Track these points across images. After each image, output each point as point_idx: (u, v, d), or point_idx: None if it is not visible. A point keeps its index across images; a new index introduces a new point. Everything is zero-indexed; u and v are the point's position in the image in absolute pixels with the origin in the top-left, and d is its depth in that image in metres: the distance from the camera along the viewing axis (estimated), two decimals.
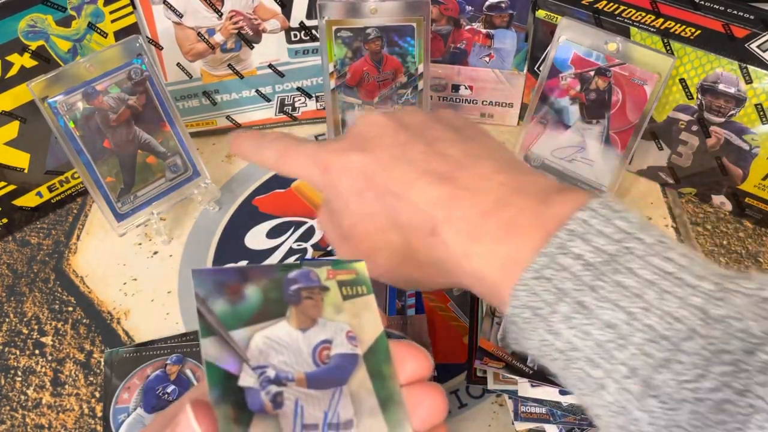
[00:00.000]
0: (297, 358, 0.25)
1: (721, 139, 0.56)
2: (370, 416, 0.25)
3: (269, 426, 0.24)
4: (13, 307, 0.55)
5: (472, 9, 0.60)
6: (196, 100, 0.65)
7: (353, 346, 0.26)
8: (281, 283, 0.26)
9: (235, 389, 0.24)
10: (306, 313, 0.26)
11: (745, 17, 0.54)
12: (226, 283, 0.25)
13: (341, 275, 0.28)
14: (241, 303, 0.25)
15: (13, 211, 0.58)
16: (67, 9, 0.54)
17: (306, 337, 0.26)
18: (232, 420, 0.23)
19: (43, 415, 0.49)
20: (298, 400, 0.25)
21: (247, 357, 0.25)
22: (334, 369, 0.26)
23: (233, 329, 0.25)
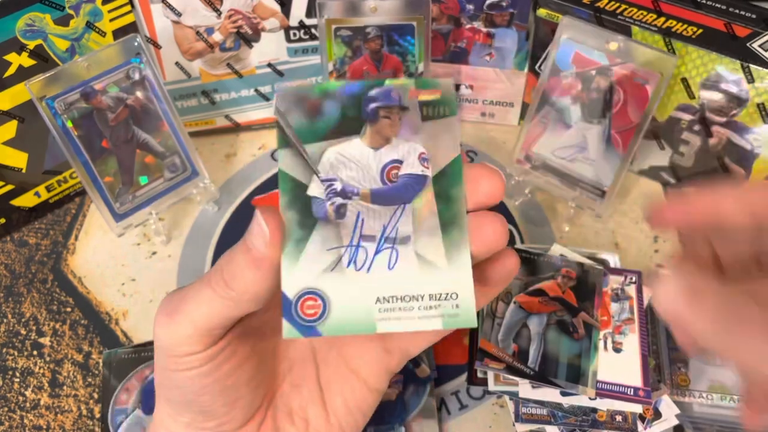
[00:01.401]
0: (365, 174, 0.26)
1: (723, 138, 0.56)
2: (429, 235, 0.26)
3: (330, 233, 0.26)
4: (11, 308, 0.54)
5: (473, 7, 0.60)
6: (194, 100, 0.64)
7: (424, 168, 0.27)
8: (361, 100, 0.27)
9: (303, 197, 0.26)
10: (381, 132, 0.27)
11: (747, 16, 0.54)
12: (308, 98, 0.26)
13: (424, 95, 0.28)
14: (319, 118, 0.26)
15: (10, 211, 0.58)
16: (65, 8, 0.54)
17: (377, 155, 0.27)
18: (297, 224, 0.25)
19: (42, 416, 0.48)
20: (360, 212, 0.26)
21: (318, 169, 0.26)
22: (401, 187, 0.26)
23: (308, 143, 0.26)
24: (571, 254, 0.52)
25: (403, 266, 0.26)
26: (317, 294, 0.25)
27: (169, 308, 0.28)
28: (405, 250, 0.26)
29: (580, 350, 0.47)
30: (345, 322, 0.25)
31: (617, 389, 0.46)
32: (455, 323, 0.26)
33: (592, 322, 0.48)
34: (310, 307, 0.25)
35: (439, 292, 0.26)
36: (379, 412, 0.46)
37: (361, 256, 0.26)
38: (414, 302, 0.25)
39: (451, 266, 0.26)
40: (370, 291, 0.25)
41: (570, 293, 0.50)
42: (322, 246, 0.26)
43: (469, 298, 0.25)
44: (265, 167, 0.64)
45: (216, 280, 0.27)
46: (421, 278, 0.26)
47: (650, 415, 0.46)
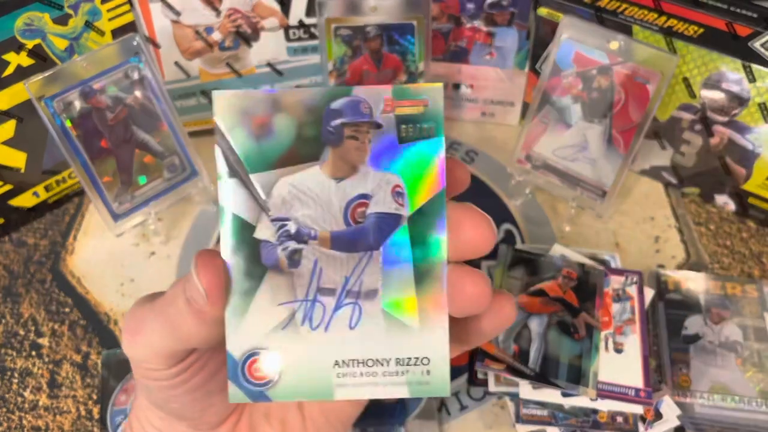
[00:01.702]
0: (325, 212, 0.22)
1: (725, 138, 0.56)
2: (401, 288, 0.22)
3: (282, 283, 0.22)
4: (10, 308, 0.54)
5: (473, 7, 0.60)
6: (194, 99, 0.64)
7: (398, 205, 0.22)
8: (321, 114, 0.21)
9: (250, 240, 0.22)
10: (346, 157, 0.22)
11: (749, 16, 0.54)
12: (253, 112, 0.21)
13: (404, 107, 0.22)
14: (268, 139, 0.21)
15: (9, 211, 0.58)
16: (64, 7, 0.53)
17: (340, 187, 0.22)
18: (243, 273, 0.22)
19: (40, 417, 0.48)
20: (317, 260, 0.22)
21: (268, 206, 0.22)
22: (367, 230, 0.22)
23: (255, 171, 0.21)
24: (572, 254, 0.52)
25: (367, 325, 0.22)
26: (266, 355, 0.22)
27: (132, 326, 0.27)
28: (370, 307, 0.22)
29: (581, 351, 0.47)
30: (298, 387, 0.22)
31: (618, 390, 0.46)
32: (424, 392, 0.22)
33: (593, 323, 0.48)
34: (258, 369, 0.22)
35: (408, 356, 0.22)
36: (379, 413, 0.46)
37: (318, 312, 0.22)
38: (378, 367, 0.22)
39: (423, 327, 0.22)
40: (327, 353, 0.22)
41: (571, 294, 0.50)
42: (273, 300, 0.22)
43: (442, 364, 0.22)
44: None
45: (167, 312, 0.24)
46: (387, 340, 0.22)
47: (651, 416, 0.46)
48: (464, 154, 0.65)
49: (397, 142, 0.22)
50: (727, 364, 0.49)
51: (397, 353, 0.22)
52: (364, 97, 0.21)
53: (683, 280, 0.54)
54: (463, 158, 0.65)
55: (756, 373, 0.48)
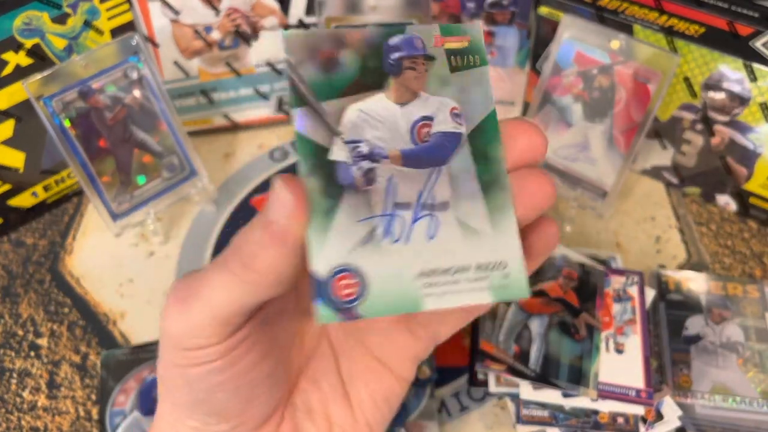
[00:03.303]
0: (393, 133, 0.24)
1: (726, 138, 0.56)
2: (470, 199, 0.23)
3: (360, 201, 0.23)
4: (9, 309, 0.54)
5: (474, 6, 0.60)
6: (193, 99, 0.64)
7: (457, 124, 0.24)
8: (381, 49, 0.24)
9: (325, 163, 0.23)
10: (406, 85, 0.24)
11: (750, 15, 0.54)
12: (320, 48, 0.23)
13: (452, 43, 0.25)
14: (336, 71, 0.23)
15: (7, 211, 0.58)
16: (62, 6, 0.53)
17: (405, 112, 0.24)
18: (321, 193, 0.22)
19: (39, 417, 0.48)
20: (391, 177, 0.23)
21: (339, 130, 0.23)
22: (433, 148, 0.24)
23: (326, 100, 0.23)
24: (573, 255, 0.52)
25: (445, 235, 0.23)
26: (353, 271, 0.22)
27: (183, 293, 0.25)
28: (445, 217, 0.23)
29: (581, 351, 0.47)
30: (386, 300, 0.22)
31: (619, 391, 0.45)
32: (506, 295, 0.23)
33: (594, 323, 0.48)
34: (346, 286, 0.22)
35: (487, 261, 0.23)
36: None
37: (398, 225, 0.23)
38: (460, 274, 0.23)
39: (496, 233, 0.23)
40: (411, 264, 0.23)
41: (571, 294, 0.49)
42: (353, 217, 0.23)
43: (519, 265, 0.23)
44: (264, 167, 0.64)
45: (233, 261, 0.24)
46: (465, 247, 0.23)
47: (652, 417, 0.46)
48: None
49: (449, 71, 0.24)
50: (728, 365, 0.49)
51: (477, 259, 0.23)
52: (417, 34, 0.24)
53: (684, 281, 0.54)
54: None
55: (757, 374, 0.48)
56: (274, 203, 0.23)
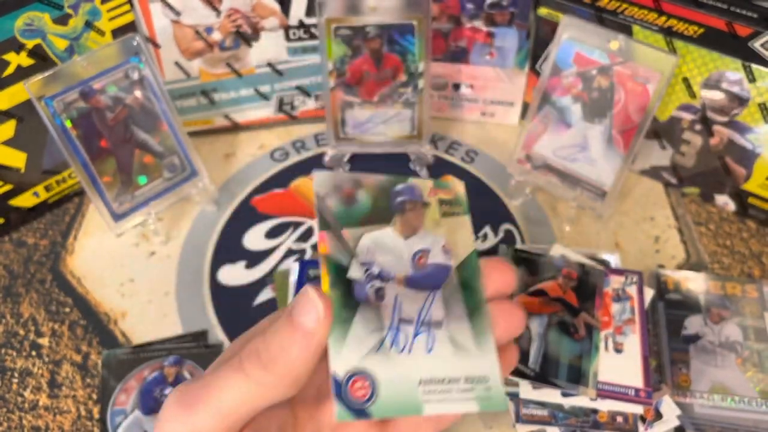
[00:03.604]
0: (398, 260, 0.28)
1: (725, 138, 0.56)
2: (458, 321, 0.27)
3: (372, 314, 0.26)
4: (10, 308, 0.54)
5: (473, 7, 0.60)
6: (193, 99, 0.64)
7: (447, 258, 0.28)
8: (389, 193, 0.29)
9: (344, 279, 0.26)
10: (409, 222, 0.29)
11: (749, 16, 0.54)
12: (343, 186, 0.28)
13: (442, 194, 0.30)
14: (354, 205, 0.28)
15: (9, 211, 0.58)
16: (64, 7, 0.53)
17: (408, 243, 0.28)
18: (341, 304, 0.26)
19: (40, 417, 0.48)
20: (397, 296, 0.27)
21: (356, 252, 0.27)
22: (430, 275, 0.28)
23: (346, 227, 0.27)
24: (572, 254, 0.52)
25: (440, 349, 0.27)
26: (365, 374, 0.25)
27: (187, 399, 0.26)
28: (440, 334, 0.27)
29: (580, 351, 0.47)
30: (393, 403, 0.25)
31: (618, 390, 0.46)
32: (489, 406, 0.26)
33: (593, 323, 0.48)
34: (360, 388, 0.25)
35: (473, 375, 0.26)
36: None
37: (402, 338, 0.26)
38: (452, 384, 0.26)
39: (479, 351, 0.27)
40: (413, 373, 0.26)
41: (571, 294, 0.50)
42: (366, 327, 0.26)
43: (498, 381, 0.27)
44: (264, 167, 0.64)
45: (251, 363, 0.25)
46: (456, 362, 0.26)
47: (651, 416, 0.46)
48: (464, 154, 0.65)
49: (440, 216, 0.29)
50: (727, 364, 0.49)
51: (465, 372, 0.27)
52: (417, 184, 0.29)
53: (683, 280, 0.54)
54: (463, 158, 0.65)
55: (756, 373, 0.48)
56: (302, 307, 0.25)
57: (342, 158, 0.63)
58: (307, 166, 0.64)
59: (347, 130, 0.61)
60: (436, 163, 0.63)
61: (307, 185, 0.63)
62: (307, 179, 0.63)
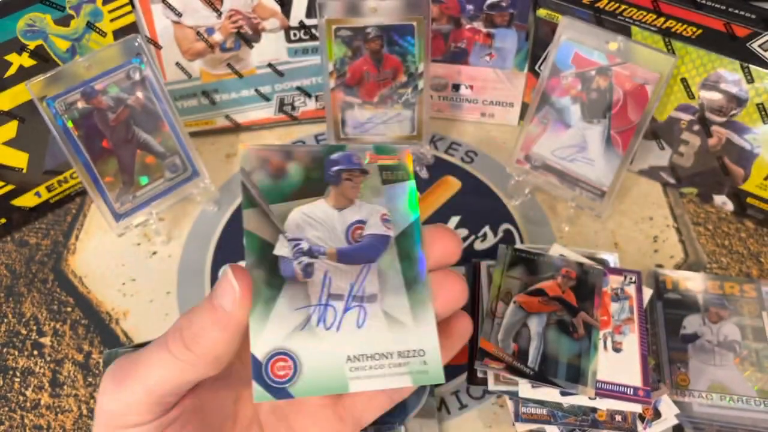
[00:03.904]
0: (331, 234, 0.27)
1: (723, 138, 0.56)
2: (395, 293, 0.27)
3: (298, 292, 0.26)
4: (12, 308, 0.54)
5: (473, 8, 0.60)
6: (195, 100, 0.64)
7: (386, 228, 0.27)
8: (323, 163, 0.28)
9: (270, 257, 0.26)
10: (344, 193, 0.28)
11: (747, 16, 0.54)
12: (271, 160, 0.27)
13: (383, 160, 0.29)
14: (283, 180, 0.27)
15: (11, 211, 0.58)
16: (65, 8, 0.54)
17: (341, 215, 0.27)
18: (265, 283, 0.25)
19: (42, 416, 0.48)
20: (327, 271, 0.26)
21: (284, 229, 0.26)
22: (365, 247, 0.27)
23: (273, 203, 0.27)
24: (571, 254, 0.52)
25: (372, 324, 0.26)
26: (287, 354, 0.25)
27: (119, 375, 0.26)
28: (372, 309, 0.26)
29: (579, 350, 0.47)
30: (316, 382, 0.25)
31: (617, 389, 0.46)
32: (424, 380, 0.26)
33: (592, 322, 0.48)
34: (281, 368, 0.25)
35: (407, 349, 0.26)
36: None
37: (330, 314, 0.26)
38: (384, 360, 0.26)
39: (416, 324, 0.26)
40: (340, 350, 0.25)
41: (570, 293, 0.50)
42: (291, 305, 0.26)
43: (435, 354, 0.26)
44: None
45: (174, 341, 0.26)
46: (389, 336, 0.26)
47: (650, 415, 0.46)
48: (464, 154, 0.66)
49: (380, 183, 0.28)
50: (725, 364, 0.49)
51: (398, 347, 0.26)
52: (355, 152, 0.28)
53: (682, 280, 0.54)
54: (463, 158, 0.65)
55: (754, 372, 0.49)
56: (222, 289, 0.25)
57: None
58: None
59: (347, 131, 0.62)
60: (435, 164, 0.64)
61: None
62: None
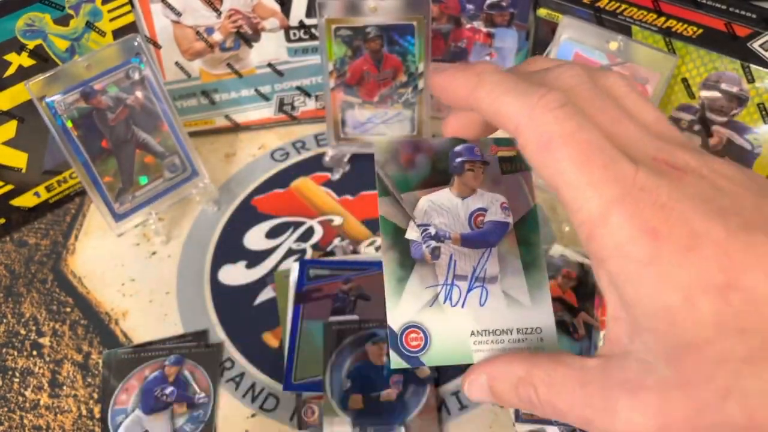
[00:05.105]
0: (455, 220, 0.29)
1: (724, 138, 0.56)
2: (513, 275, 0.29)
3: (427, 272, 0.28)
4: (11, 308, 0.54)
5: (473, 7, 0.60)
6: (194, 100, 0.64)
7: (506, 216, 0.30)
8: (448, 154, 0.30)
9: (402, 240, 0.29)
10: (467, 183, 0.30)
11: (747, 16, 0.54)
12: (401, 151, 0.30)
13: (503, 151, 0.31)
14: (412, 170, 0.30)
15: (10, 211, 0.58)
16: (65, 8, 0.54)
17: (465, 203, 0.30)
18: (398, 264, 0.28)
19: (41, 416, 0.48)
20: (452, 254, 0.29)
21: (414, 215, 0.29)
22: (487, 233, 0.29)
23: (404, 191, 0.29)
24: (571, 254, 0.52)
25: (493, 303, 0.28)
26: (419, 327, 0.28)
27: None
28: (493, 289, 0.29)
29: (580, 350, 0.47)
30: (445, 352, 0.28)
31: None
32: None
33: (593, 322, 0.48)
34: (414, 339, 0.28)
35: (526, 326, 0.28)
36: (379, 412, 0.46)
37: (456, 293, 0.28)
38: (504, 335, 0.28)
39: (534, 304, 0.29)
40: (465, 325, 0.28)
41: (570, 293, 0.50)
42: (421, 284, 0.28)
43: (551, 332, 0.28)
44: (265, 167, 0.64)
45: None
46: (508, 314, 0.28)
47: None
48: None
49: (500, 173, 0.30)
50: None
51: (518, 324, 0.28)
52: (477, 144, 0.30)
53: None
54: None
55: None
56: None
57: (342, 158, 0.63)
58: (307, 167, 0.64)
59: (347, 131, 0.62)
60: None
61: (307, 185, 0.63)
62: (307, 179, 0.63)
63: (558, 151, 0.22)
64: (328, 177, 0.63)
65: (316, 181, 0.63)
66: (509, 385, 0.25)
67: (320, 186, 0.63)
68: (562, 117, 0.22)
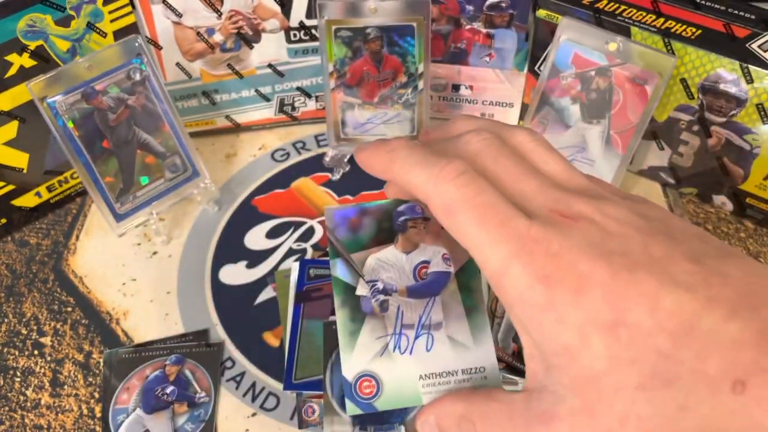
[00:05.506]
0: (401, 274, 0.31)
1: (722, 139, 0.56)
2: (457, 320, 0.31)
3: (377, 324, 0.31)
4: (12, 308, 0.55)
5: (473, 8, 0.60)
6: (195, 100, 0.64)
7: (447, 266, 0.32)
8: (392, 214, 0.32)
9: (352, 297, 0.31)
10: (410, 239, 0.32)
11: (746, 17, 0.54)
12: (349, 217, 0.32)
13: None
14: (361, 231, 0.32)
15: (11, 211, 0.58)
16: (66, 9, 0.54)
17: (409, 258, 0.32)
18: (350, 319, 0.30)
19: (42, 415, 0.48)
20: (399, 306, 0.31)
21: (363, 273, 0.31)
22: (430, 283, 0.31)
23: (353, 252, 0.31)
24: None
25: (439, 348, 0.30)
26: (371, 376, 0.30)
27: None
28: (438, 335, 0.31)
29: None
30: (396, 397, 0.30)
31: None
32: None
33: None
34: (367, 387, 0.30)
35: (470, 366, 0.30)
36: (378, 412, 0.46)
37: (404, 341, 0.31)
38: (450, 377, 0.30)
39: (476, 345, 0.31)
40: (413, 370, 0.30)
41: None
42: (372, 335, 0.30)
43: (494, 369, 0.30)
44: (265, 167, 0.64)
45: None
46: (453, 357, 0.30)
47: None
48: None
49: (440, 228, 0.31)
50: None
51: (462, 365, 0.30)
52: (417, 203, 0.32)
53: None
54: None
55: None
56: None
57: (342, 158, 0.63)
58: (307, 167, 0.64)
59: (347, 131, 0.62)
60: None
61: (307, 185, 0.63)
62: (307, 179, 0.63)
63: (459, 215, 0.25)
64: (329, 177, 0.63)
65: (317, 181, 0.63)
66: (453, 422, 0.28)
67: (320, 186, 0.63)
68: (461, 184, 0.25)
